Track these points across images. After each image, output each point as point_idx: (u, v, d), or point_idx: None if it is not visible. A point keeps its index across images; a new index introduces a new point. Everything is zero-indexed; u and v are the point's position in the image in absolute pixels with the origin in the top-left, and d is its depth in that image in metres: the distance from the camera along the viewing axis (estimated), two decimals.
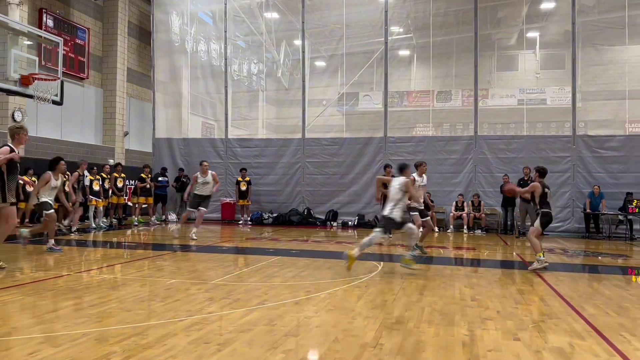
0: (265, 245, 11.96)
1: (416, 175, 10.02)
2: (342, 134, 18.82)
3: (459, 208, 16.16)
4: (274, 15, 20.36)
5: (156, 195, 17.26)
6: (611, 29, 17.29)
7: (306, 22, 18.63)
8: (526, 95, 20.34)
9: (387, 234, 8.53)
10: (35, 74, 13.60)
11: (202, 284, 6.96)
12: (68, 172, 14.04)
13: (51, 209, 9.72)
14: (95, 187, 14.33)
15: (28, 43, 14.44)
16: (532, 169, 9.60)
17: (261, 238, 13.43)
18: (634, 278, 8.84)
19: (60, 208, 12.12)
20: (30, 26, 14.68)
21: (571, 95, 16.62)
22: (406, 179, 8.30)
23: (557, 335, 4.89)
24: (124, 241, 12.69)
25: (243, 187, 17.79)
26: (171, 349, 4.22)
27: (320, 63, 20.41)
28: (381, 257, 10.07)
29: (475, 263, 10.30)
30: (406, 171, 8.58)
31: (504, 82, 22.44)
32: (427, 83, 20.38)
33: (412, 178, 9.91)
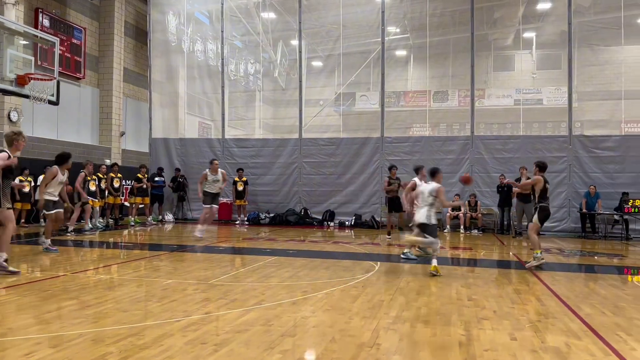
0: (262, 245, 11.95)
1: (417, 179, 10.12)
2: (339, 134, 18.84)
3: (456, 208, 16.18)
4: (271, 15, 20.36)
5: (153, 195, 17.23)
6: (607, 30, 17.36)
7: (303, 22, 18.62)
8: (522, 95, 20.40)
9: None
10: (31, 74, 13.55)
11: (199, 284, 6.95)
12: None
13: (52, 210, 9.70)
14: (91, 187, 14.30)
15: (24, 43, 14.40)
16: (533, 164, 9.51)
17: (258, 238, 13.42)
18: (630, 278, 8.87)
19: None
20: (26, 26, 14.64)
21: (567, 95, 16.66)
22: (439, 186, 8.43)
23: (554, 334, 4.91)
24: (121, 241, 12.67)
25: (240, 187, 17.78)
26: (168, 350, 4.21)
27: (317, 63, 20.43)
28: (378, 257, 10.08)
29: (471, 263, 10.32)
30: (438, 176, 8.64)
31: (501, 82, 22.51)
32: (424, 83, 20.43)
33: (414, 182, 10.02)
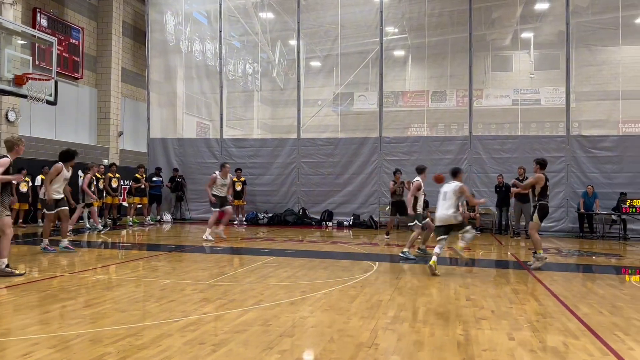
0: (260, 245, 11.95)
1: (420, 179, 10.26)
2: (337, 134, 18.83)
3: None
4: (269, 15, 20.35)
5: (151, 195, 17.22)
6: (605, 30, 17.39)
7: (301, 22, 18.62)
8: (520, 95, 20.43)
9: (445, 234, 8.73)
10: (29, 74, 13.54)
11: (197, 285, 6.95)
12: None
13: (52, 210, 9.71)
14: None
15: (22, 42, 14.38)
16: (533, 162, 9.49)
17: (256, 238, 13.42)
18: (628, 277, 8.89)
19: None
20: (24, 26, 14.62)
21: (565, 95, 16.68)
22: (462, 185, 8.65)
23: (552, 334, 4.92)
24: (119, 242, 12.65)
25: (238, 187, 17.76)
26: (166, 350, 4.21)
27: (315, 63, 20.42)
28: (376, 257, 10.08)
29: (469, 263, 10.32)
30: (459, 176, 8.86)
31: (499, 83, 22.54)
32: (422, 83, 20.44)
33: (419, 182, 10.11)
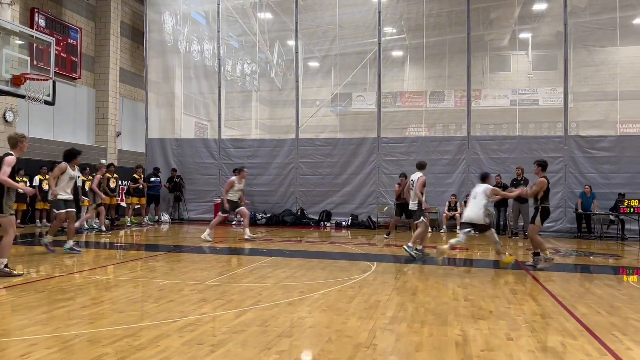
0: (258, 245, 11.94)
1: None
2: (336, 135, 18.84)
3: (452, 208, 16.21)
4: (268, 15, 20.35)
5: (149, 195, 17.20)
6: (603, 30, 17.43)
7: (299, 23, 18.62)
8: (518, 95, 20.48)
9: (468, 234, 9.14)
10: (27, 74, 13.53)
11: (196, 285, 6.94)
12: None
13: (62, 209, 9.71)
14: (87, 188, 14.27)
15: (20, 43, 14.36)
16: (534, 164, 9.51)
17: (255, 239, 13.40)
18: (626, 278, 8.90)
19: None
20: (21, 26, 14.60)
21: (563, 95, 16.72)
22: (491, 187, 9.18)
23: (550, 334, 4.92)
24: (117, 242, 12.63)
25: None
26: (164, 350, 4.20)
27: (313, 63, 20.42)
28: (375, 258, 10.09)
29: (468, 263, 10.33)
30: (488, 179, 9.48)
31: (497, 83, 22.59)
32: (420, 84, 20.46)
33: (424, 178, 10.41)
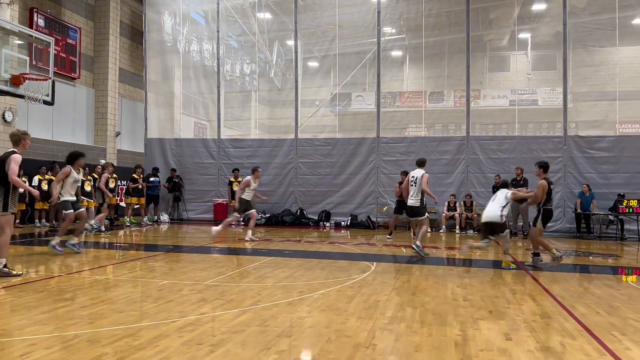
0: (258, 245, 11.94)
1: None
2: (335, 135, 18.84)
3: (451, 208, 16.21)
4: (267, 15, 20.34)
5: (148, 195, 17.19)
6: (602, 31, 17.44)
7: (299, 23, 18.62)
8: (518, 96, 20.48)
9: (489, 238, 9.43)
10: (26, 74, 13.51)
11: (195, 285, 6.94)
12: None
13: (70, 209, 9.77)
14: (87, 188, 14.26)
15: (19, 42, 14.34)
16: (536, 165, 9.56)
17: (254, 239, 13.39)
18: (625, 278, 8.91)
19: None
20: (21, 25, 14.58)
21: (562, 96, 16.74)
22: (512, 191, 9.59)
23: (549, 334, 4.93)
24: (116, 242, 12.63)
25: (235, 188, 17.63)
26: (164, 350, 4.20)
27: (313, 63, 20.42)
28: (374, 258, 10.09)
29: (467, 263, 10.34)
30: (509, 186, 10.12)
31: (496, 83, 22.58)
32: (420, 84, 20.46)
33: (428, 175, 10.52)
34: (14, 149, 7.59)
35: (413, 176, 10.50)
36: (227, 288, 6.80)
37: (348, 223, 17.40)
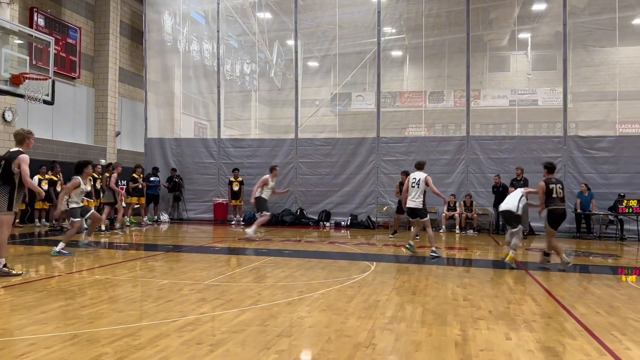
0: (258, 245, 11.94)
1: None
2: (335, 135, 18.83)
3: (451, 208, 16.21)
4: (267, 15, 20.34)
5: (148, 195, 17.18)
6: (602, 31, 17.44)
7: (299, 23, 18.62)
8: (518, 96, 20.47)
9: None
10: (26, 74, 13.51)
11: (195, 285, 6.94)
12: (106, 174, 14.93)
13: (79, 217, 9.91)
14: (87, 188, 14.28)
15: (19, 42, 14.33)
16: (543, 167, 9.58)
17: (254, 239, 13.39)
18: (624, 278, 8.91)
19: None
20: (21, 25, 14.57)
21: (562, 96, 16.74)
22: (528, 190, 10.17)
23: (549, 334, 4.93)
24: (116, 242, 12.62)
25: (235, 188, 17.76)
26: (164, 350, 4.20)
27: (313, 63, 20.42)
28: (374, 258, 10.09)
29: (467, 263, 10.34)
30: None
31: (496, 83, 22.58)
32: (420, 84, 20.45)
33: (429, 178, 10.52)
34: (20, 149, 7.59)
35: (415, 178, 10.48)
36: (227, 288, 6.80)
37: (348, 223, 17.40)
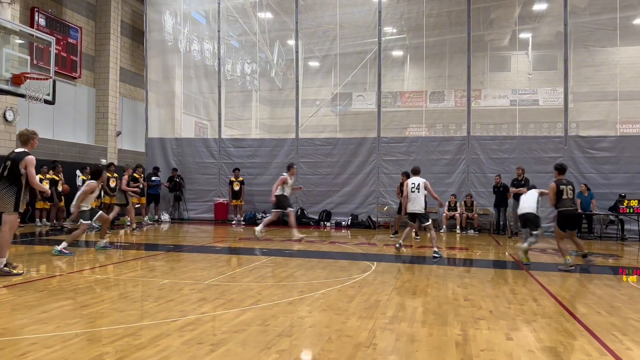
0: (258, 245, 11.94)
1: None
2: (336, 134, 18.83)
3: (452, 208, 16.21)
4: (268, 15, 20.35)
5: (149, 195, 17.20)
6: (603, 31, 17.42)
7: (300, 22, 18.62)
8: (518, 96, 20.47)
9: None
10: (27, 73, 13.50)
11: (196, 284, 6.94)
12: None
13: (87, 220, 9.97)
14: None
15: (20, 42, 14.34)
16: (554, 168, 9.71)
17: (254, 238, 13.40)
18: (625, 278, 8.91)
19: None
20: (22, 25, 14.56)
21: (563, 96, 16.73)
22: (541, 191, 10.18)
23: (549, 334, 4.92)
24: (117, 241, 12.63)
25: (236, 187, 17.76)
26: (164, 350, 4.20)
27: (313, 63, 20.42)
28: (375, 257, 10.09)
29: (468, 263, 10.34)
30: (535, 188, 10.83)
31: (497, 83, 22.58)
32: (420, 83, 20.44)
33: (427, 183, 10.65)
34: (25, 149, 7.60)
35: (413, 183, 10.51)
36: (228, 287, 6.80)
37: (349, 223, 17.40)
